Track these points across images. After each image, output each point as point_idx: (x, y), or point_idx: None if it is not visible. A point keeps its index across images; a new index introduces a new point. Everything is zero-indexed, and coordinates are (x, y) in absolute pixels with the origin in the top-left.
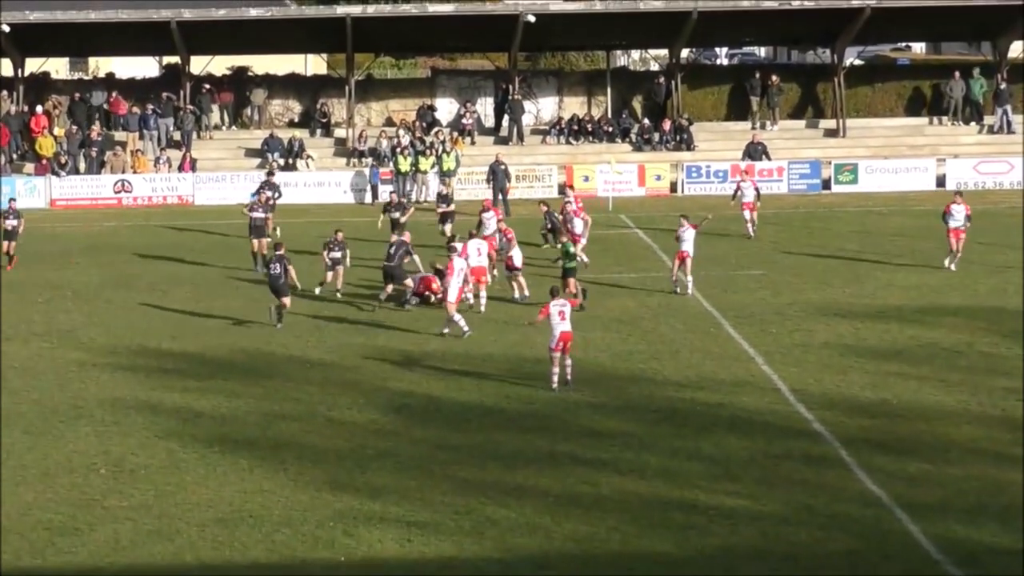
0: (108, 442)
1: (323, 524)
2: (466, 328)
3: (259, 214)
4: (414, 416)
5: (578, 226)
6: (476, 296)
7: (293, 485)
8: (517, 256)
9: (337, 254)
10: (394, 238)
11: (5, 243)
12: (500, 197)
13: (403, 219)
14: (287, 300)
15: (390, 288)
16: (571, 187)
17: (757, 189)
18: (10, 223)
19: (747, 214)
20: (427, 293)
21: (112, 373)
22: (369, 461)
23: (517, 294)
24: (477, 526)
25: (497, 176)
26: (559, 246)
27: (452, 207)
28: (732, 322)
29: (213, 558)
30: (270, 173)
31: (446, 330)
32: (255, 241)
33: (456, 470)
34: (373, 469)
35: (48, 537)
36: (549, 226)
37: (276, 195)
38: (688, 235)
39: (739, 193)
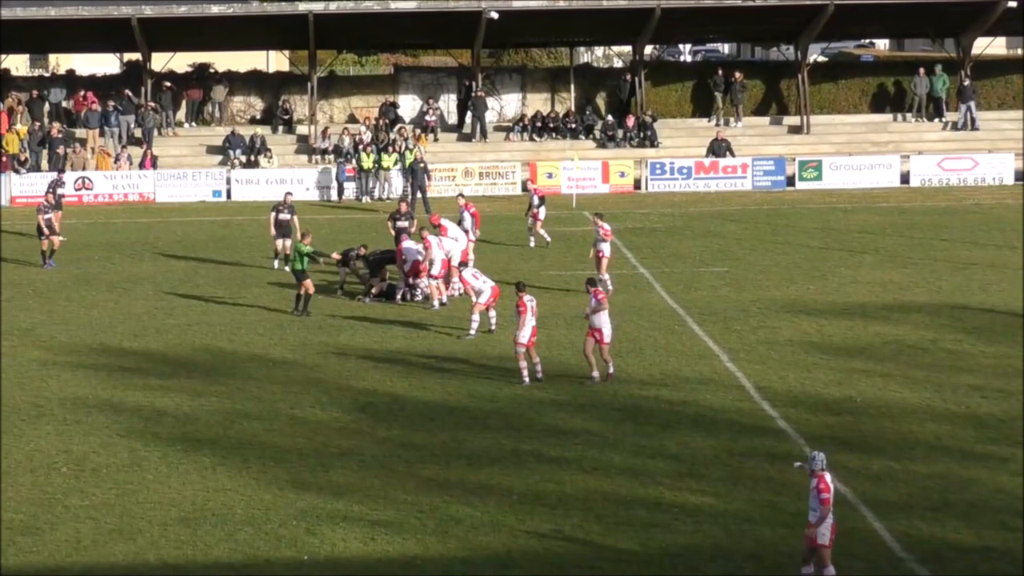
0: (69, 441)
1: (286, 523)
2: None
3: (47, 215)
4: (377, 415)
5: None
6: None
7: (256, 484)
8: (437, 263)
9: (286, 216)
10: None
11: None
12: (419, 196)
13: (412, 229)
14: None
15: (375, 286)
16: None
17: (542, 198)
18: None
19: (530, 221)
20: (413, 284)
21: (73, 371)
22: (332, 460)
23: (435, 302)
24: (441, 525)
25: (416, 175)
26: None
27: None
28: (696, 319)
29: (175, 557)
30: (60, 170)
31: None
32: (43, 240)
33: (420, 469)
34: (336, 468)
35: (9, 536)
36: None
37: (58, 193)
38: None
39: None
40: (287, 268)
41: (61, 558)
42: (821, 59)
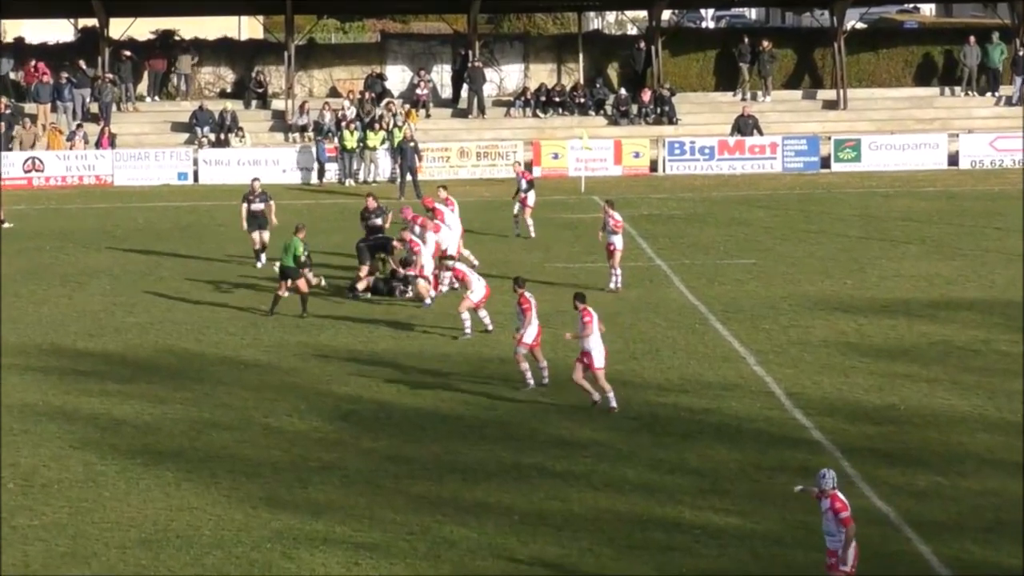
0: (17, 453)
1: (259, 546)
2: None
3: None
4: (362, 424)
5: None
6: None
7: (226, 501)
8: (428, 263)
9: (259, 206)
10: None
11: None
12: (409, 179)
13: (386, 225)
14: None
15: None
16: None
17: (530, 182)
18: None
19: (516, 207)
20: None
21: (21, 375)
22: (311, 475)
23: (427, 299)
24: (433, 548)
25: (405, 155)
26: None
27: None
28: (720, 317)
29: None
30: None
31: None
32: None
33: (409, 485)
34: (316, 484)
35: None
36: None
37: None
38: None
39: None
40: (262, 262)
41: None
42: (860, 26)
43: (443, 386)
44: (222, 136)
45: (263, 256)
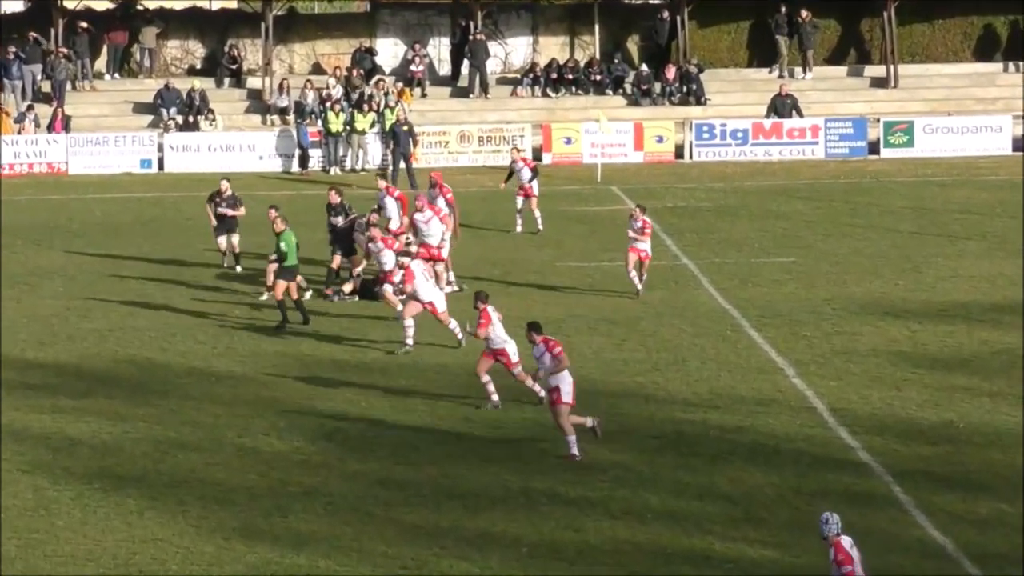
0: None
1: None
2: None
3: None
4: (349, 444)
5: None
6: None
7: (194, 532)
8: (389, 259)
9: (227, 210)
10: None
11: None
12: (403, 166)
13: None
14: None
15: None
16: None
17: (535, 170)
18: None
19: (520, 201)
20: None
21: None
22: (292, 501)
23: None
24: None
25: (399, 139)
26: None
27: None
28: (754, 323)
29: None
30: None
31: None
32: None
33: (403, 513)
34: (297, 512)
35: None
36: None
37: None
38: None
39: (513, 175)
40: (238, 268)
41: None
42: None
43: (440, 401)
44: (191, 119)
45: (239, 263)
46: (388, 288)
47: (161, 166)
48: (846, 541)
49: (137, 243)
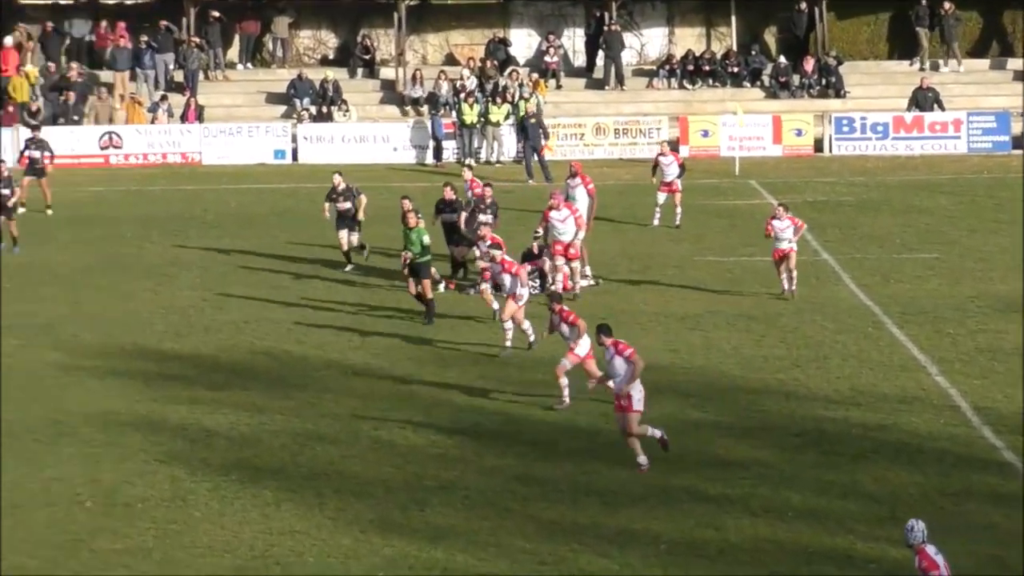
0: (97, 468)
1: (370, 575)
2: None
3: (4, 190)
4: (486, 439)
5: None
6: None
7: (331, 525)
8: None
9: (347, 204)
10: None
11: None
12: (536, 160)
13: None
14: None
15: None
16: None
17: (682, 166)
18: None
19: (662, 197)
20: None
21: (102, 380)
22: (428, 495)
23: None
24: None
25: (528, 133)
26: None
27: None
28: (897, 320)
29: None
30: (35, 128)
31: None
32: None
33: (541, 508)
34: (434, 505)
35: None
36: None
37: (44, 156)
38: (788, 229)
39: (658, 169)
40: (364, 255)
41: None
42: None
43: (579, 397)
44: (324, 109)
45: (361, 255)
46: (486, 286)
47: (295, 157)
48: (930, 549)
49: (272, 234)
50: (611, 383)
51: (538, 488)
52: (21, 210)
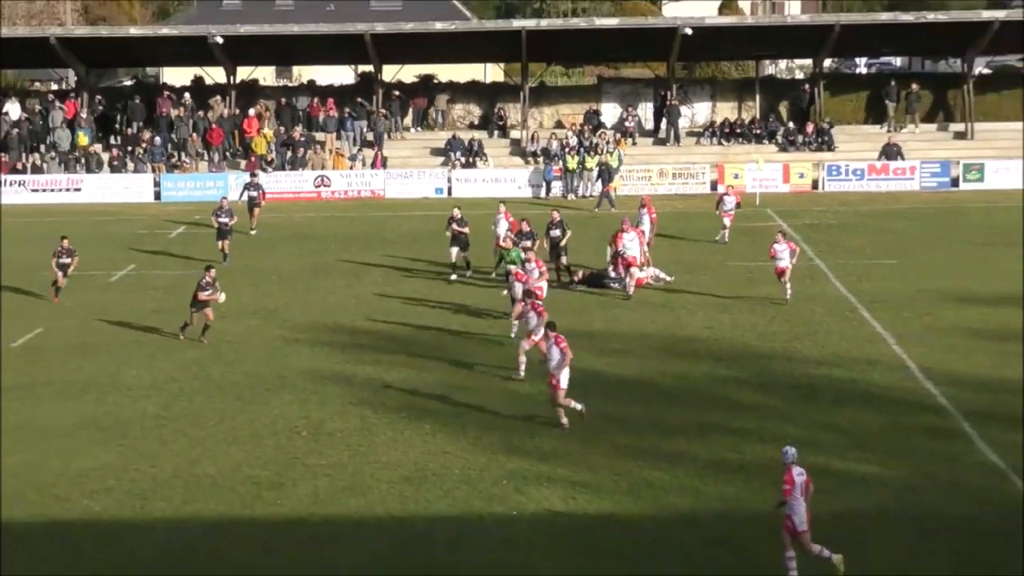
0: (308, 408)
1: (498, 482)
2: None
3: (225, 219)
4: (577, 388)
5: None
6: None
7: (472, 448)
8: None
9: (462, 228)
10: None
11: (219, 242)
12: (605, 194)
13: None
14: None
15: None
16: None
17: (738, 204)
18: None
19: (727, 221)
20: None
21: (312, 348)
22: (539, 428)
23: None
24: (634, 487)
25: (603, 176)
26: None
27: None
28: (867, 307)
29: (400, 511)
30: (253, 174)
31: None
32: (219, 242)
33: (615, 437)
34: (542, 435)
35: (256, 491)
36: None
37: (260, 194)
38: (785, 251)
39: (721, 204)
40: (468, 274)
41: (301, 510)
42: (985, 71)
43: (643, 359)
44: (470, 159)
45: (469, 269)
46: (518, 287)
47: (450, 192)
48: (796, 470)
49: (433, 248)
50: (550, 365)
51: (614, 423)
52: (252, 232)
